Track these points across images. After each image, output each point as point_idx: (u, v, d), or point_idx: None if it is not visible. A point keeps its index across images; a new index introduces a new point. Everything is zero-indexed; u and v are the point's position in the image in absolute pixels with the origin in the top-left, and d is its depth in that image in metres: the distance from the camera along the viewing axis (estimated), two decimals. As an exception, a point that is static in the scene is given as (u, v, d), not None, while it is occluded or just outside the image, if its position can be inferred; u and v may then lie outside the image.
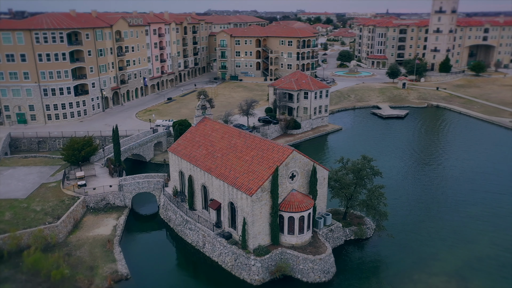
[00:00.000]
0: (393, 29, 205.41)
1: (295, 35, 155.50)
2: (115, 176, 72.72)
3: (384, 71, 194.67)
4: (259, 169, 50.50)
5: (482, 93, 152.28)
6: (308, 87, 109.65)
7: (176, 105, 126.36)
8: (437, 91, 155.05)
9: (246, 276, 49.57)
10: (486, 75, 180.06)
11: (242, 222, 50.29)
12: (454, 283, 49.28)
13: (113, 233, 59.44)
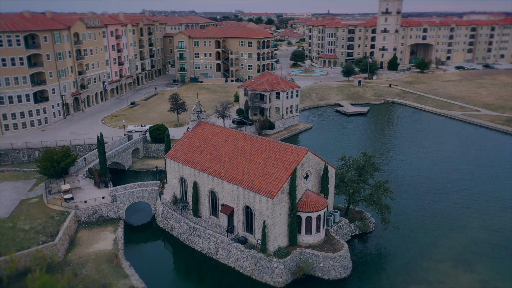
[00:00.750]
0: (342, 29, 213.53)
1: (255, 36, 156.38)
2: (102, 187, 68.84)
3: (336, 70, 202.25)
4: (275, 171, 50.48)
5: (430, 89, 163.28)
6: (280, 87, 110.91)
7: (142, 109, 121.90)
8: (390, 88, 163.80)
9: (269, 279, 49.37)
10: (429, 71, 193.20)
11: (262, 225, 49.99)
12: (460, 267, 52.67)
13: (115, 247, 56.28)
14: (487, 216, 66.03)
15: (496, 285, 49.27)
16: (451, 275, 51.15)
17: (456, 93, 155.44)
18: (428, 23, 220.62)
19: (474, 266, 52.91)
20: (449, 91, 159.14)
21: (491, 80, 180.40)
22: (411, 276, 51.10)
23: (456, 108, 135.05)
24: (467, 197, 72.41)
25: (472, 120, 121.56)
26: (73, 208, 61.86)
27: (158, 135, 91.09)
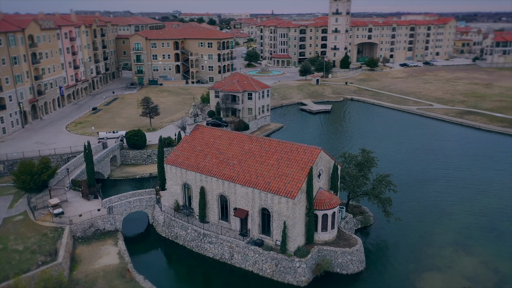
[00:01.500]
0: (294, 30, 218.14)
1: (215, 37, 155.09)
2: (91, 198, 64.90)
3: (290, 69, 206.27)
4: (291, 171, 50.79)
5: (383, 85, 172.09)
6: (252, 87, 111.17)
7: (106, 114, 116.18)
8: (346, 85, 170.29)
9: (291, 279, 49.62)
10: (378, 69, 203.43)
11: (281, 226, 50.10)
12: (461, 252, 56.44)
13: (122, 261, 53.40)
14: (468, 201, 71.24)
15: (496, 265, 53.40)
16: (455, 260, 54.64)
17: (407, 89, 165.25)
18: (373, 23, 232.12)
19: (471, 250, 56.91)
20: (400, 87, 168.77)
21: (433, 76, 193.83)
22: (421, 263, 53.87)
23: (411, 103, 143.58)
24: (446, 185, 77.58)
25: (428, 114, 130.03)
26: (66, 223, 57.72)
27: (136, 141, 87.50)
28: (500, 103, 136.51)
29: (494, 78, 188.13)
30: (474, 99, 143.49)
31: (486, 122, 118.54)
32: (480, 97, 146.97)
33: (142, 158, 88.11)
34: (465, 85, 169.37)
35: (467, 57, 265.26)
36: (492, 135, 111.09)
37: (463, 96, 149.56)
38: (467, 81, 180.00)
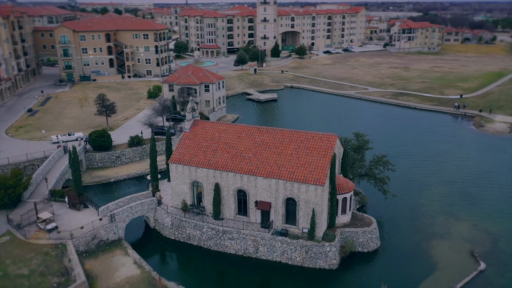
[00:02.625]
0: (221, 19, 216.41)
1: (151, 28, 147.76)
2: (81, 208, 59.13)
3: (221, 60, 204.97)
4: (313, 159, 51.80)
5: (316, 72, 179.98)
6: (208, 79, 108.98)
7: (48, 116, 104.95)
8: (283, 74, 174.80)
9: (323, 263, 51.08)
10: (307, 57, 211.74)
11: (309, 213, 51.07)
12: (451, 219, 62.82)
13: (143, 269, 49.93)
14: (436, 173, 79.13)
15: (484, 226, 60.57)
16: (450, 226, 60.74)
17: (339, 74, 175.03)
18: (295, 12, 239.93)
19: (459, 215, 63.72)
20: (332, 73, 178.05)
21: (355, 62, 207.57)
22: (424, 233, 58.96)
23: (347, 88, 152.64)
24: (411, 160, 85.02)
25: (366, 97, 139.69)
26: (66, 238, 52.06)
27: (103, 142, 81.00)
28: (423, 85, 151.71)
29: (406, 62, 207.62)
30: (401, 82, 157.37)
31: (419, 102, 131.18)
32: (404, 79, 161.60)
33: (110, 160, 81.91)
34: (387, 69, 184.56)
35: (377, 43, 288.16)
36: (426, 113, 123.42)
37: (390, 79, 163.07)
38: (387, 65, 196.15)
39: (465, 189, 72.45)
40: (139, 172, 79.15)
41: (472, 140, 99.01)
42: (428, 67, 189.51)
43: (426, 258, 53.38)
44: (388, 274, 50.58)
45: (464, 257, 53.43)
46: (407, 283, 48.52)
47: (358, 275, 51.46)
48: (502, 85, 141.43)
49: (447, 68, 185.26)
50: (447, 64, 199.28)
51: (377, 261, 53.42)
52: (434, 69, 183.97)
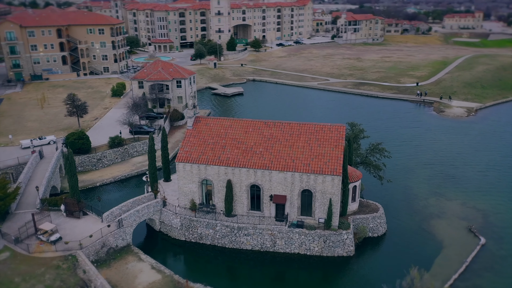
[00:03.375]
0: (173, 13, 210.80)
1: (106, 22, 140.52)
2: (80, 215, 55.59)
3: (176, 54, 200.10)
4: (326, 150, 52.73)
5: (275, 65, 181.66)
6: (180, 75, 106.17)
7: (7, 120, 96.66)
8: (243, 67, 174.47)
9: (341, 251, 52.42)
10: (262, 50, 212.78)
11: (325, 204, 52.05)
12: (442, 199, 66.91)
13: (164, 274, 48.17)
14: (414, 157, 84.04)
15: (472, 204, 65.28)
16: (443, 206, 64.78)
17: (297, 66, 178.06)
18: (246, 5, 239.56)
19: (447, 195, 68.14)
20: (290, 65, 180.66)
21: (309, 54, 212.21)
22: (422, 214, 62.39)
23: (309, 79, 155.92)
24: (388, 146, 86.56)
25: (330, 88, 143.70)
26: (74, 248, 48.77)
27: (82, 145, 76.39)
28: (379, 74, 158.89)
29: (356, 53, 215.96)
30: (358, 72, 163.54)
31: (380, 90, 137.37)
32: (361, 70, 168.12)
33: (91, 164, 77.45)
34: (342, 60, 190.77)
35: (324, 35, 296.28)
36: (388, 101, 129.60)
37: (348, 70, 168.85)
38: (339, 56, 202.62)
39: (445, 171, 77.48)
40: (125, 174, 75.69)
41: (437, 125, 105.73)
42: (378, 57, 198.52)
43: (431, 237, 56.63)
44: (401, 255, 53.08)
45: (464, 233, 57.39)
46: (421, 262, 50.63)
47: (374, 259, 53.49)
48: (451, 73, 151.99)
49: (395, 58, 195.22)
50: (394, 54, 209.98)
51: (388, 244, 55.77)
52: (385, 59, 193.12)
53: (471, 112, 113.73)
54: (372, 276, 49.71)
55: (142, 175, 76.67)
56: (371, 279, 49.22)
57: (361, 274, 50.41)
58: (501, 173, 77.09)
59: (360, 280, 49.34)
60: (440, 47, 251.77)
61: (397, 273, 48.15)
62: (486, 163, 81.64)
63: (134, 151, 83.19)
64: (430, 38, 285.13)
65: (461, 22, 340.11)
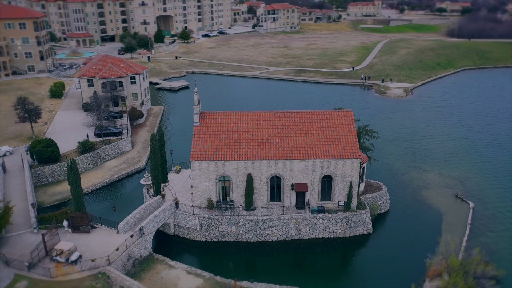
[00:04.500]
0: (90, 4, 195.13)
1: (28, 16, 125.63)
2: (87, 230, 50.66)
3: (98, 49, 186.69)
4: (340, 136, 54.63)
5: (210, 56, 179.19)
6: (134, 70, 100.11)
7: None
8: (177, 60, 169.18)
9: (362, 230, 55.18)
10: (191, 41, 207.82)
11: (345, 187, 54.16)
12: (422, 172, 73.37)
13: (204, 278, 46.35)
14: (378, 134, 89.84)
15: (448, 173, 72.64)
16: (425, 178, 71.07)
17: (232, 56, 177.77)
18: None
19: (424, 168, 74.88)
20: (225, 56, 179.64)
21: (237, 44, 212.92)
22: (410, 187, 67.90)
23: (249, 69, 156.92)
24: None
25: (273, 76, 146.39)
26: (102, 265, 44.52)
27: (52, 153, 68.76)
28: (314, 61, 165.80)
29: (281, 41, 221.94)
30: (294, 60, 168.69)
31: (321, 76, 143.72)
32: (295, 57, 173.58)
33: (63, 173, 70.00)
34: (273, 49, 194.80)
35: (243, 25, 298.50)
36: (330, 86, 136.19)
37: (282, 58, 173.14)
38: (268, 45, 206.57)
39: (410, 146, 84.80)
40: (105, 180, 69.96)
41: (383, 105, 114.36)
42: (304, 45, 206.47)
43: (429, 208, 62.09)
44: (411, 226, 57.65)
45: (454, 200, 63.96)
46: (432, 232, 55.76)
47: (389, 232, 57.01)
48: (378, 57, 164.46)
49: (320, 45, 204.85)
50: (317, 41, 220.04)
51: (395, 218, 59.86)
52: (311, 46, 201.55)
53: (408, 92, 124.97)
54: (393, 248, 53.19)
55: (123, 180, 72.13)
56: (393, 251, 52.66)
57: (383, 248, 53.61)
58: (456, 142, 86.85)
59: (383, 253, 52.43)
60: (351, 33, 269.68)
61: (415, 242, 53.03)
62: (439, 135, 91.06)
63: (106, 155, 77.05)
64: (341, 25, 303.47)
65: (364, 10, 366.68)
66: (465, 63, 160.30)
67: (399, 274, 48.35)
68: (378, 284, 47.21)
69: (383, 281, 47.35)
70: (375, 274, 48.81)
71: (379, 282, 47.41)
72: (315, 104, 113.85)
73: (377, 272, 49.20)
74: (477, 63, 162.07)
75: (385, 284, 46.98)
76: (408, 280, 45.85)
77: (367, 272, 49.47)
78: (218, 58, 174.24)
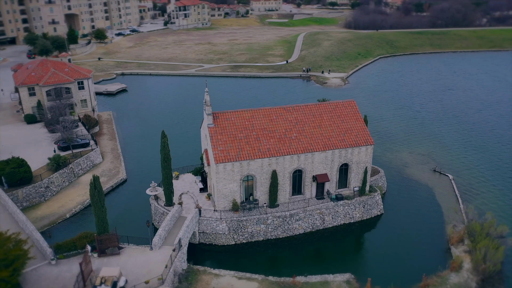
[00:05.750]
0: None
1: None
2: (116, 252, 46.08)
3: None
4: (350, 125, 57.15)
5: (134, 56, 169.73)
6: (81, 74, 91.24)
7: None
8: (101, 61, 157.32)
9: (376, 211, 58.72)
10: (108, 41, 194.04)
11: (360, 173, 57.00)
12: (393, 152, 79.93)
13: (256, 279, 45.42)
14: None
15: (415, 151, 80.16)
16: (399, 158, 77.51)
17: (159, 55, 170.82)
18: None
19: (394, 149, 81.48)
20: (150, 55, 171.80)
21: (156, 42, 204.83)
22: (392, 167, 73.45)
23: (183, 68, 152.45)
24: None
25: (210, 73, 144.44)
26: (154, 285, 41.04)
27: (25, 174, 60.21)
28: (245, 56, 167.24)
29: (199, 38, 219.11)
30: (225, 56, 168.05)
31: (259, 71, 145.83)
32: (224, 53, 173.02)
33: (38, 195, 61.86)
34: (197, 46, 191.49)
35: (152, 22, 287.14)
36: (269, 79, 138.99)
37: (212, 54, 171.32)
38: (190, 42, 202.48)
39: (372, 129, 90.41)
40: (90, 196, 63.23)
41: (328, 94, 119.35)
42: (226, 40, 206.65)
43: (418, 184, 67.91)
44: (412, 202, 62.70)
45: (434, 174, 71.06)
46: (432, 204, 61.71)
47: (397, 210, 61.16)
48: (305, 50, 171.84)
49: (242, 40, 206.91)
50: (235, 36, 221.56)
51: (395, 197, 64.51)
52: (233, 42, 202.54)
53: (345, 81, 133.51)
54: (405, 224, 57.47)
55: (109, 194, 66.15)
56: (405, 226, 56.91)
57: (396, 225, 57.67)
58: (407, 122, 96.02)
59: (398, 229, 56.41)
60: (261, 28, 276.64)
61: (421, 215, 58.68)
62: (390, 117, 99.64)
63: (79, 169, 69.61)
64: (249, 20, 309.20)
65: (267, 4, 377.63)
66: (380, 51, 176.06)
67: (417, 244, 52.67)
68: (405, 255, 50.83)
69: (407, 252, 51.25)
70: (397, 248, 52.25)
71: (404, 253, 51.13)
72: (268, 99, 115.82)
73: (398, 245, 52.77)
74: (389, 51, 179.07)
75: (410, 253, 50.84)
76: (427, 248, 51.38)
77: (390, 247, 52.62)
78: (144, 58, 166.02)
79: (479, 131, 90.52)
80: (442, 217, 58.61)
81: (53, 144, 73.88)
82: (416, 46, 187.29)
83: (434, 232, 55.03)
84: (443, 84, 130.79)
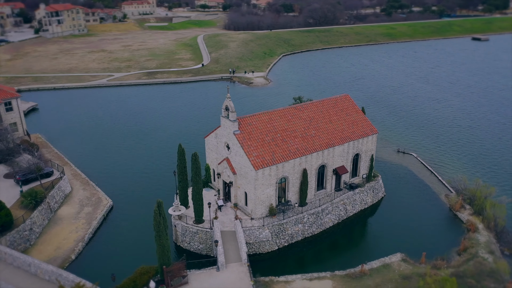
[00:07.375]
0: None
1: None
2: (183, 281, 41.73)
3: None
4: (353, 117, 60.86)
5: (22, 69, 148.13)
6: (7, 94, 77.38)
7: None
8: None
9: (381, 194, 63.76)
10: None
11: (367, 161, 61.17)
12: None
13: (328, 277, 45.84)
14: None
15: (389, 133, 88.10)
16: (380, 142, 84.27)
17: (53, 67, 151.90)
18: None
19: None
20: (42, 67, 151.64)
21: (38, 53, 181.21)
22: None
23: (91, 79, 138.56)
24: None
25: (128, 82, 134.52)
26: (250, 306, 38.68)
27: (6, 218, 49.55)
28: (154, 62, 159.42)
29: (87, 45, 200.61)
30: (132, 63, 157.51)
31: (178, 76, 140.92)
32: (129, 60, 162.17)
33: (23, 240, 51.42)
34: (91, 54, 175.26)
35: (17, 30, 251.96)
36: (191, 84, 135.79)
37: (118, 62, 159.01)
38: (80, 51, 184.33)
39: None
40: (88, 232, 54.91)
41: (258, 94, 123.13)
42: (120, 47, 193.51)
43: (393, 164, 75.13)
44: (399, 180, 69.37)
45: (400, 155, 79.41)
46: (418, 179, 69.23)
47: (396, 189, 66.77)
48: (215, 52, 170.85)
49: (137, 46, 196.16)
50: (127, 42, 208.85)
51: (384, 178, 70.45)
52: (128, 48, 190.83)
53: (268, 80, 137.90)
54: (406, 200, 63.81)
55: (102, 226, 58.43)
56: (407, 202, 63.25)
57: (399, 202, 63.48)
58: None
59: (401, 205, 62.33)
60: (143, 32, 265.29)
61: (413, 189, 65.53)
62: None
63: (54, 203, 59.50)
64: (128, 25, 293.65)
65: (140, 8, 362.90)
66: (282, 50, 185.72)
67: (427, 216, 59.06)
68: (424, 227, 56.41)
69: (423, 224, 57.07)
70: (413, 222, 57.38)
71: (422, 226, 56.66)
72: (204, 103, 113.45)
73: (413, 220, 58.08)
74: (288, 49, 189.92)
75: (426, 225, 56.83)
76: (437, 217, 58.48)
77: (407, 222, 57.69)
78: (37, 71, 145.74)
79: (402, 109, 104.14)
80: (430, 189, 66.45)
81: (3, 178, 61.50)
82: (309, 43, 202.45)
83: (434, 203, 62.26)
84: (353, 75, 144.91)
